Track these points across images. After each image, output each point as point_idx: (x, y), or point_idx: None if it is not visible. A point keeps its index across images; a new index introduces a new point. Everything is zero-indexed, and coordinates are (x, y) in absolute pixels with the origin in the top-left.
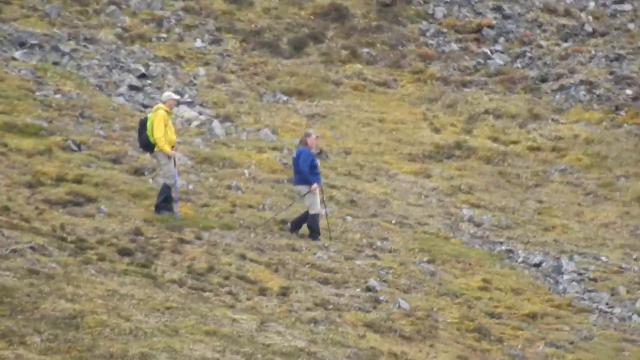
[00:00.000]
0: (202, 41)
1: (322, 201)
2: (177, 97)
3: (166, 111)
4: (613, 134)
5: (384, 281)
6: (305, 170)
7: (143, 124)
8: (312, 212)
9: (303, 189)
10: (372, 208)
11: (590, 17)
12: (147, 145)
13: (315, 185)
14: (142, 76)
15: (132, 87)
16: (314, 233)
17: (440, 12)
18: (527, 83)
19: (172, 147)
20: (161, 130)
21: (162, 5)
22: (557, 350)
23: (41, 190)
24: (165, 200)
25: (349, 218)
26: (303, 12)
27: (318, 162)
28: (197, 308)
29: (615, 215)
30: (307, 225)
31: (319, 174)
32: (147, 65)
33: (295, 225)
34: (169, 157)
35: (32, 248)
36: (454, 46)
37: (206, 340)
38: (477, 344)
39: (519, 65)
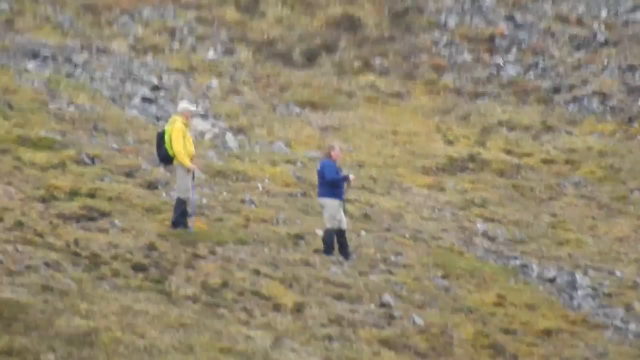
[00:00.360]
0: (215, 52)
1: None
2: (193, 107)
3: (183, 123)
4: (626, 145)
5: (399, 296)
6: (334, 177)
7: (161, 137)
8: (328, 225)
9: (327, 201)
10: (385, 222)
11: (602, 27)
12: (166, 159)
13: (352, 177)
14: (155, 88)
15: (145, 99)
16: (328, 248)
17: (452, 21)
18: (540, 94)
19: (191, 159)
20: (180, 142)
21: (174, 16)
22: None
23: (55, 204)
24: (181, 215)
25: (362, 232)
26: (315, 22)
27: (345, 177)
28: (212, 324)
29: (629, 229)
30: (322, 238)
31: (343, 187)
32: (160, 77)
33: (341, 249)
34: (187, 170)
35: (46, 264)
36: (467, 56)
37: (221, 357)
38: None
39: (532, 76)
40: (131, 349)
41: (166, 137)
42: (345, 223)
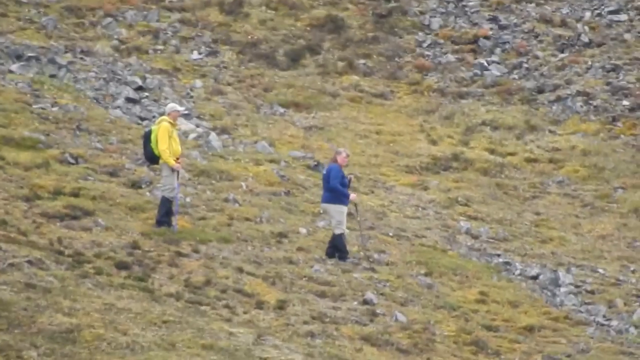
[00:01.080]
0: (199, 53)
1: (355, 215)
2: (181, 108)
3: (170, 123)
4: (610, 145)
5: (381, 294)
6: (337, 186)
7: (147, 136)
8: (337, 231)
9: (332, 207)
10: (369, 220)
11: (586, 28)
12: (152, 158)
13: (354, 195)
14: (139, 89)
15: (129, 100)
16: (342, 253)
17: (436, 23)
18: (523, 94)
19: (177, 158)
20: (165, 142)
21: (158, 17)
22: None
23: (38, 203)
24: (165, 214)
25: (347, 231)
26: (299, 23)
27: (348, 179)
28: (194, 322)
29: (612, 227)
30: (333, 245)
31: (347, 192)
32: (143, 78)
33: (331, 251)
34: (172, 170)
35: (29, 262)
36: (451, 57)
37: (203, 354)
38: (475, 357)
39: (516, 77)
40: (114, 345)
41: (152, 136)
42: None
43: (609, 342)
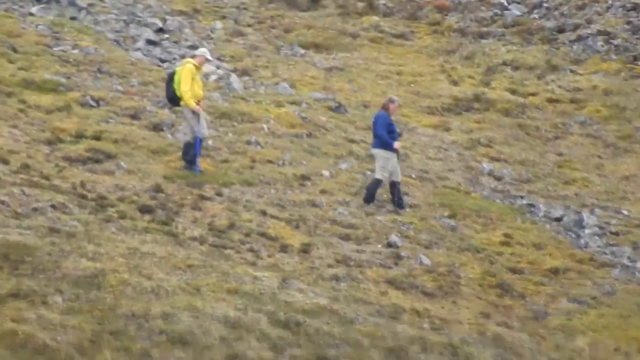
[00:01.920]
0: None
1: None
2: (210, 57)
3: (195, 66)
4: (631, 84)
5: (405, 237)
6: (383, 134)
7: (171, 77)
8: (377, 176)
9: (379, 152)
10: None
11: None
12: (174, 99)
13: (398, 144)
14: (159, 30)
15: (149, 42)
16: (369, 196)
17: None
18: (544, 34)
19: (199, 101)
20: (187, 83)
21: None
22: (579, 306)
23: (60, 147)
24: (194, 156)
25: (369, 173)
26: None
27: (396, 127)
28: (219, 265)
29: (635, 168)
30: (366, 187)
31: (396, 139)
32: (164, 20)
33: (395, 198)
34: (193, 112)
35: (52, 206)
36: None
37: (228, 298)
38: (500, 299)
39: (536, 16)
40: (138, 290)
41: (176, 77)
42: (399, 175)
43: (634, 283)
